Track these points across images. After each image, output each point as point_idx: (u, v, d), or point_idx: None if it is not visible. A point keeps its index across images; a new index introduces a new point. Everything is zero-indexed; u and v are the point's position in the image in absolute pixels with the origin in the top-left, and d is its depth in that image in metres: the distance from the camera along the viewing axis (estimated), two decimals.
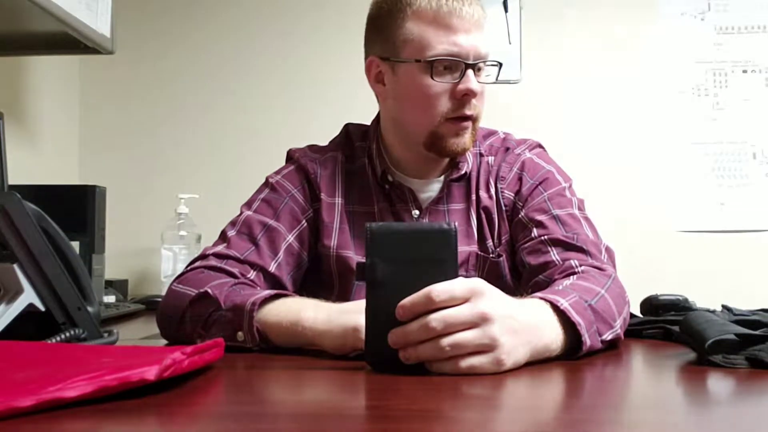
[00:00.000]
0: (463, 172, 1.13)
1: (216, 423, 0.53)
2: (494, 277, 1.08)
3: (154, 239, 2.17)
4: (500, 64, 1.11)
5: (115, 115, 2.36)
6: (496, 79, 1.11)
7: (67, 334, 0.78)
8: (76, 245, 1.61)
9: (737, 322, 0.77)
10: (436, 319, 0.67)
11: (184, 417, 0.54)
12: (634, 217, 2.29)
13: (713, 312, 0.91)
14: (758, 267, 2.27)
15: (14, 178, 1.30)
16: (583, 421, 0.53)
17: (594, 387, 0.69)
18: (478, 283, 0.71)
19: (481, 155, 1.16)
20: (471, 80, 1.04)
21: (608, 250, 1.04)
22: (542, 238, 1.03)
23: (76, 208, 1.70)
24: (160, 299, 1.75)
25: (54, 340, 0.76)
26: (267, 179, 1.14)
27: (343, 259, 1.09)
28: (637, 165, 2.32)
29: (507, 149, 1.16)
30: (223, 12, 2.38)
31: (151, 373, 0.56)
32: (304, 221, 1.10)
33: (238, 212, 1.10)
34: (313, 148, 1.18)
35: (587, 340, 0.77)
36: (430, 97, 1.04)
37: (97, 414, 0.52)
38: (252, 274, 1.02)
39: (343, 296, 1.09)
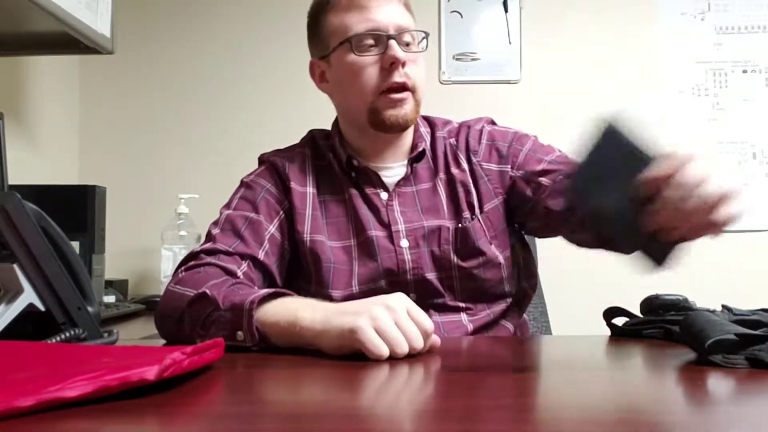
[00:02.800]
0: (420, 149, 1.16)
1: (216, 423, 0.53)
2: (466, 244, 1.12)
3: (154, 239, 2.17)
4: (426, 34, 1.14)
5: (115, 115, 2.36)
6: (426, 48, 1.14)
7: (67, 334, 0.78)
8: (76, 245, 1.61)
9: (737, 322, 0.77)
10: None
11: (184, 417, 0.54)
12: None
13: (713, 312, 0.91)
14: (758, 267, 2.27)
15: (14, 178, 1.30)
16: (582, 421, 0.53)
17: (594, 387, 0.69)
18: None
19: (444, 138, 1.20)
20: (394, 48, 1.07)
21: None
22: (557, 177, 1.09)
23: (76, 208, 1.70)
24: (160, 299, 1.77)
25: (54, 340, 0.76)
26: (241, 180, 1.19)
27: (317, 244, 1.11)
28: None
29: (468, 127, 1.21)
30: (223, 12, 2.38)
31: (151, 373, 0.56)
32: (281, 212, 1.13)
33: (218, 215, 1.14)
34: (280, 149, 1.23)
35: None
36: (359, 73, 1.09)
37: (97, 414, 0.52)
38: (243, 266, 1.05)
39: (320, 282, 1.10)
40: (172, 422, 0.52)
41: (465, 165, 1.17)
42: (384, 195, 1.15)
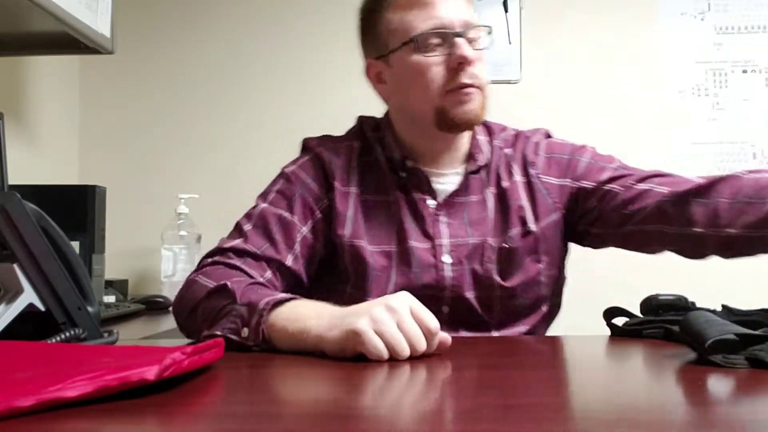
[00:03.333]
0: (481, 163, 1.12)
1: (216, 423, 0.53)
2: (511, 263, 1.08)
3: (154, 239, 2.17)
4: (490, 29, 1.09)
5: (115, 115, 2.36)
6: (490, 43, 1.10)
7: (67, 334, 0.77)
8: (76, 245, 1.61)
9: (737, 322, 0.77)
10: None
11: (184, 417, 0.54)
12: None
13: (713, 312, 0.90)
14: (758, 267, 2.27)
15: (14, 178, 1.30)
16: (582, 421, 0.53)
17: (594, 387, 0.69)
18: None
19: (501, 148, 1.15)
20: (462, 47, 1.02)
21: None
22: (627, 183, 1.08)
23: (76, 208, 1.70)
24: (160, 299, 1.77)
25: (54, 340, 0.76)
26: (282, 170, 1.13)
27: (356, 249, 1.06)
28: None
29: (526, 137, 1.16)
30: (223, 12, 2.38)
31: (151, 373, 0.56)
32: (318, 212, 1.09)
33: (254, 204, 1.10)
34: (327, 137, 1.17)
35: None
36: (425, 73, 1.04)
37: (97, 414, 0.52)
38: (268, 273, 1.03)
39: (358, 286, 1.07)
40: (172, 422, 0.52)
41: (518, 177, 1.12)
42: (432, 203, 1.10)
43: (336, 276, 1.10)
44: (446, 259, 1.07)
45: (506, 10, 2.36)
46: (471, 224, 1.09)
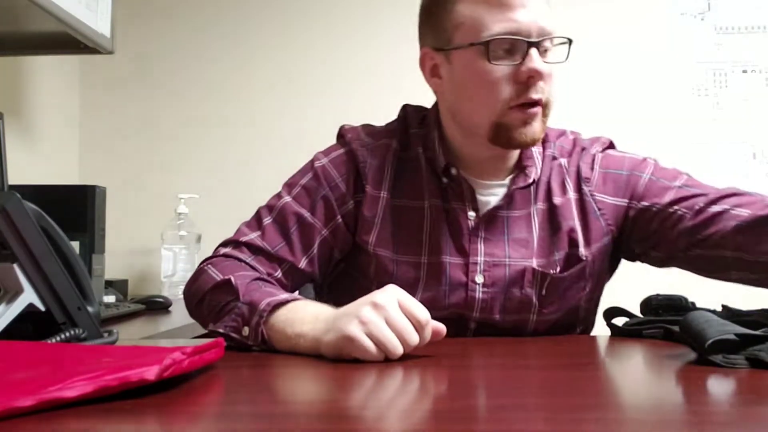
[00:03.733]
0: (531, 179, 1.02)
1: (216, 423, 0.53)
2: (555, 291, 1.01)
3: (154, 239, 2.17)
4: (570, 41, 0.99)
5: (115, 115, 2.36)
6: (567, 58, 0.98)
7: (67, 334, 0.77)
8: (76, 245, 1.61)
9: (737, 322, 0.77)
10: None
11: (184, 417, 0.54)
12: None
13: (713, 312, 0.90)
14: None
15: (14, 178, 1.30)
16: (582, 421, 0.53)
17: (594, 387, 0.69)
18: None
19: (554, 158, 1.05)
20: (535, 60, 0.92)
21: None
22: (697, 205, 0.98)
23: (76, 208, 1.70)
24: (160, 299, 1.77)
25: (54, 340, 0.76)
26: (313, 161, 1.07)
27: (381, 258, 1.01)
28: None
29: (583, 149, 1.07)
30: (222, 12, 2.38)
31: (151, 373, 0.56)
32: (339, 216, 1.03)
33: (278, 191, 1.07)
34: (367, 130, 1.09)
35: None
36: (491, 83, 0.94)
37: (97, 414, 0.52)
38: (279, 272, 1.00)
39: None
40: (172, 422, 0.52)
41: (572, 194, 1.03)
42: (472, 215, 1.01)
43: (363, 280, 1.04)
44: (479, 279, 1.00)
45: None
46: (512, 243, 1.00)
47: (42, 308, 0.78)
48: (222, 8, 2.38)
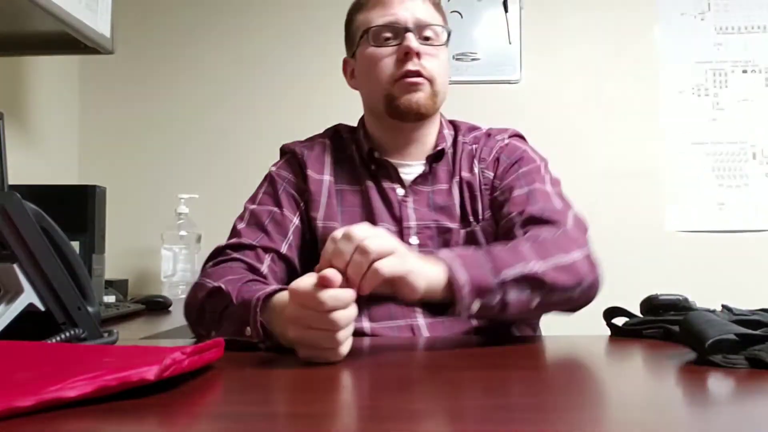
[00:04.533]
0: (440, 148, 1.18)
1: (216, 423, 0.53)
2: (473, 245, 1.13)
3: (154, 239, 2.17)
4: (447, 30, 1.16)
5: (115, 115, 2.36)
6: (446, 43, 1.16)
7: (67, 334, 0.78)
8: (76, 245, 1.61)
9: (737, 322, 0.77)
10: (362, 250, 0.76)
11: (184, 417, 0.54)
12: (634, 217, 2.29)
13: (713, 312, 0.91)
14: (758, 267, 2.27)
15: (14, 178, 1.30)
16: (583, 421, 0.53)
17: (594, 387, 0.69)
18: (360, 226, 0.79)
19: (464, 143, 1.21)
20: (409, 39, 1.10)
21: (576, 218, 1.07)
22: (512, 214, 1.08)
23: (76, 208, 1.70)
24: (160, 299, 1.77)
25: (54, 340, 0.76)
26: (267, 173, 1.21)
27: (329, 230, 1.06)
28: (637, 165, 2.32)
29: (488, 135, 1.22)
30: (223, 12, 2.38)
31: (151, 373, 0.56)
32: (302, 202, 1.16)
33: (242, 209, 1.16)
34: (302, 139, 1.25)
35: (457, 275, 0.83)
36: (376, 63, 1.13)
37: (97, 414, 0.52)
38: (267, 260, 1.08)
39: None
40: (172, 422, 0.52)
41: (476, 170, 1.18)
42: (400, 191, 1.16)
43: (315, 259, 1.10)
44: (413, 240, 1.13)
45: (506, 10, 2.36)
46: (437, 211, 1.15)
47: (42, 308, 0.78)
48: (222, 8, 2.38)
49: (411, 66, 1.10)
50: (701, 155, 2.32)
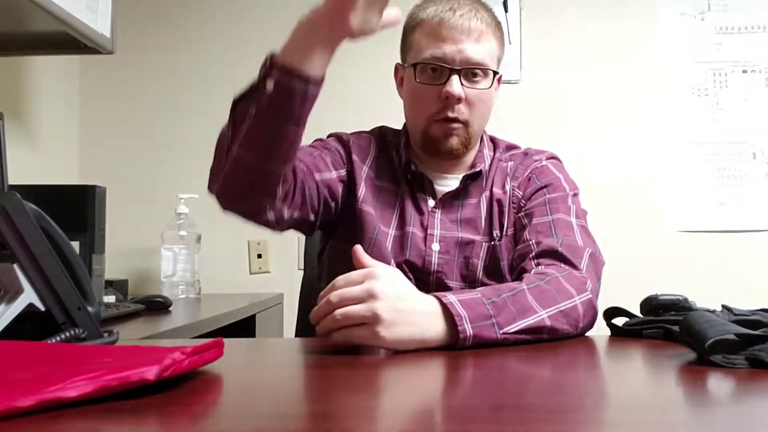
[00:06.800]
0: (477, 169, 1.20)
1: (216, 423, 0.53)
2: (493, 259, 1.17)
3: (154, 239, 2.17)
4: (495, 73, 1.16)
5: (115, 115, 2.37)
6: (490, 87, 1.16)
7: (67, 334, 0.77)
8: (76, 245, 1.61)
9: (737, 322, 0.77)
10: (333, 294, 0.79)
11: (184, 417, 0.54)
12: (634, 216, 2.29)
13: (713, 312, 0.90)
14: (758, 267, 2.27)
15: (14, 178, 1.30)
16: (583, 421, 0.53)
17: (594, 387, 0.69)
18: (376, 268, 0.82)
19: (500, 160, 1.24)
20: (453, 84, 1.11)
21: (593, 256, 1.07)
22: (530, 241, 1.10)
23: (76, 208, 1.70)
24: (160, 299, 1.77)
25: (54, 340, 0.76)
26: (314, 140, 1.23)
27: (365, 215, 1.16)
28: (637, 165, 2.32)
29: (526, 154, 1.25)
30: (223, 12, 2.38)
31: (151, 373, 0.56)
32: (343, 170, 1.18)
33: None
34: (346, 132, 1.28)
35: (467, 330, 0.82)
36: (418, 98, 1.15)
37: (97, 414, 0.52)
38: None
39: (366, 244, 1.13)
40: (172, 422, 0.52)
41: (507, 187, 1.20)
42: (431, 202, 1.19)
43: (346, 239, 1.14)
44: (435, 247, 1.16)
45: (506, 10, 2.36)
46: (463, 223, 1.18)
47: (42, 308, 0.78)
48: (222, 8, 2.38)
49: (449, 113, 1.13)
50: (701, 155, 2.32)
